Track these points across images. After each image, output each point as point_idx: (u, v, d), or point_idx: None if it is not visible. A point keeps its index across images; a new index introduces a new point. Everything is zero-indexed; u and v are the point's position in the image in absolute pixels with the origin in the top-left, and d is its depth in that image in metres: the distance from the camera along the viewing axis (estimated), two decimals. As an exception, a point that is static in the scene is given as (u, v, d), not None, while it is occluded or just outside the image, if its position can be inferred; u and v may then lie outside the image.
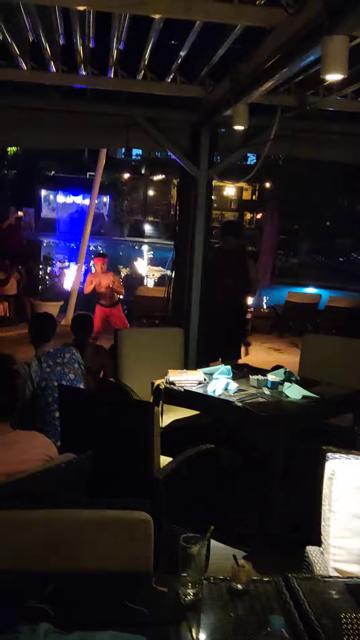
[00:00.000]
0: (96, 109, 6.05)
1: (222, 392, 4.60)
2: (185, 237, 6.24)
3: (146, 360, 5.52)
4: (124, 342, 5.52)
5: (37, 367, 4.86)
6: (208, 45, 5.09)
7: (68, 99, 5.99)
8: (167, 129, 5.98)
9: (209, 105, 5.57)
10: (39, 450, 2.79)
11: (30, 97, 5.95)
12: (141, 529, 2.41)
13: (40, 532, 2.38)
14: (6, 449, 2.68)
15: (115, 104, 5.96)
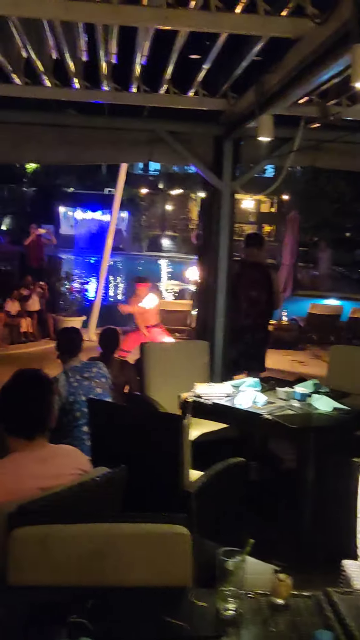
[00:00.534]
0: (119, 124, 6.08)
1: (250, 405, 4.57)
2: (209, 250, 6.24)
3: (172, 374, 5.51)
4: (150, 355, 5.51)
5: (65, 382, 4.86)
6: (229, 58, 5.10)
7: (88, 115, 6.02)
8: (190, 143, 5.99)
9: (231, 118, 5.58)
10: (74, 465, 2.78)
11: (51, 114, 5.99)
12: (179, 543, 2.38)
13: (78, 546, 2.36)
14: (41, 464, 2.67)
15: (138, 119, 5.99)
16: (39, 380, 2.74)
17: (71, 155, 6.21)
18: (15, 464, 2.63)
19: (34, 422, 2.68)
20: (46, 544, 2.36)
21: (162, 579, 2.36)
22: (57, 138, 5.99)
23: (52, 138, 6.00)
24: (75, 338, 5.30)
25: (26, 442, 2.66)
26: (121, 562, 2.37)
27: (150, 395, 5.39)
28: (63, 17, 3.87)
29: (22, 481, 2.59)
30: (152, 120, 5.96)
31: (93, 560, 2.36)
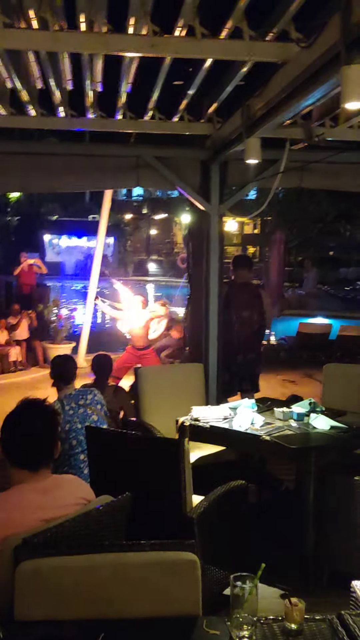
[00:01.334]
0: (105, 151, 6.11)
1: (248, 427, 4.55)
2: (199, 273, 6.25)
3: (167, 397, 5.48)
4: (145, 379, 5.48)
5: (61, 410, 4.82)
6: (214, 82, 5.16)
7: (73, 142, 6.05)
8: (177, 167, 6.02)
9: (217, 142, 5.63)
10: (77, 495, 2.74)
11: (35, 143, 6.02)
12: (189, 570, 2.35)
13: (85, 578, 2.32)
14: (45, 495, 2.63)
15: (124, 145, 6.02)
16: (45, 411, 2.72)
17: (57, 184, 6.22)
18: (19, 496, 2.59)
19: (40, 454, 2.65)
20: (53, 578, 2.32)
21: (172, 608, 2.32)
22: (42, 167, 5.99)
23: (37, 167, 6.00)
24: (69, 365, 5.28)
25: (30, 473, 2.63)
26: (130, 593, 2.33)
27: (147, 420, 5.36)
28: (51, 48, 3.90)
29: (26, 514, 2.55)
30: (138, 146, 6.01)
31: (101, 591, 2.32)
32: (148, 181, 6.14)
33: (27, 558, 2.34)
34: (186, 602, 2.33)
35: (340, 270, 30.56)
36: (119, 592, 2.32)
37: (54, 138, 6.14)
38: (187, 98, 5.11)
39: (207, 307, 6.00)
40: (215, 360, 6.02)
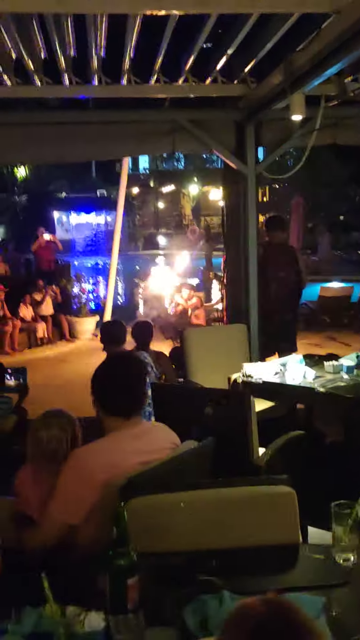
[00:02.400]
0: (139, 117, 6.15)
1: (302, 380, 4.66)
2: (235, 236, 6.32)
3: (212, 357, 5.59)
4: (190, 341, 5.59)
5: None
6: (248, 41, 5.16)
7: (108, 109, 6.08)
8: (211, 130, 6.06)
9: (252, 102, 5.65)
10: (167, 439, 2.87)
11: (72, 112, 6.06)
12: (287, 501, 2.47)
13: (191, 513, 2.45)
14: (139, 440, 2.75)
15: (159, 110, 6.05)
16: (135, 361, 2.83)
17: (94, 152, 6.27)
18: (117, 442, 2.71)
19: (132, 401, 2.76)
20: (161, 513, 2.45)
21: (273, 538, 2.44)
22: (78, 136, 6.04)
23: (73, 136, 6.06)
24: (118, 328, 5.40)
25: (123, 420, 2.74)
26: (232, 525, 2.45)
27: (194, 379, 5.47)
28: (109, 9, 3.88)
29: (124, 457, 2.67)
30: (172, 111, 6.03)
31: (206, 525, 2.44)
32: (184, 145, 6.18)
33: (134, 496, 2.47)
34: (286, 531, 2.45)
35: (352, 234, 30.43)
36: (222, 524, 2.45)
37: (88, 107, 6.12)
38: (223, 58, 5.12)
39: (247, 269, 6.07)
40: (256, 321, 6.11)
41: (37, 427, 2.98)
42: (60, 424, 2.95)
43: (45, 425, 2.95)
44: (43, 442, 2.91)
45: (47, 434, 2.92)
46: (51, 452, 2.88)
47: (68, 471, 2.64)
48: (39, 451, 2.92)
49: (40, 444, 2.92)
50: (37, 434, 2.94)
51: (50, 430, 2.92)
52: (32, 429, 3.00)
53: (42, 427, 2.95)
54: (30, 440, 2.97)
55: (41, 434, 2.93)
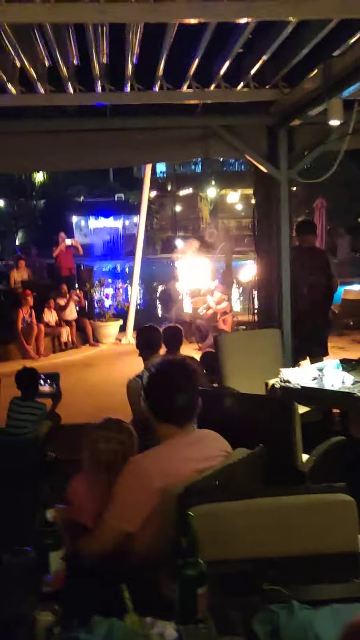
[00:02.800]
0: (171, 123, 6.17)
1: (341, 385, 4.64)
2: (267, 241, 6.31)
3: (246, 362, 5.58)
4: (226, 346, 5.59)
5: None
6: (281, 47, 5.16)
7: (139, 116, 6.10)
8: (243, 135, 6.06)
9: (286, 107, 5.65)
10: (220, 447, 2.87)
11: (104, 119, 6.09)
12: (346, 510, 2.47)
13: (250, 521, 2.45)
14: (193, 447, 2.76)
15: (191, 116, 6.07)
16: (190, 369, 2.83)
17: (127, 158, 6.30)
18: (172, 450, 2.72)
19: (187, 409, 2.76)
20: (221, 521, 2.45)
21: (333, 545, 2.44)
22: (111, 143, 6.08)
23: (106, 143, 6.10)
24: (155, 334, 5.41)
25: (178, 428, 2.75)
26: (291, 533, 2.46)
27: (229, 384, 5.47)
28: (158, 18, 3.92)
29: (179, 465, 2.67)
30: (205, 117, 6.04)
31: (265, 532, 2.44)
32: (216, 151, 6.19)
33: (193, 504, 2.47)
34: (345, 539, 2.45)
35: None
36: (282, 532, 2.45)
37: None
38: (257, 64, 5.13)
39: (280, 273, 6.06)
40: (289, 325, 6.10)
41: (96, 438, 2.98)
42: (119, 438, 2.97)
43: (105, 438, 2.96)
44: (101, 454, 2.93)
45: (106, 446, 2.94)
46: (107, 463, 2.89)
47: (126, 478, 2.65)
48: (95, 462, 2.94)
49: (98, 456, 2.94)
50: (96, 446, 2.96)
51: (109, 444, 2.94)
52: (91, 440, 3.00)
53: (101, 440, 2.97)
54: (88, 451, 2.99)
55: (100, 446, 2.95)
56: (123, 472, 2.68)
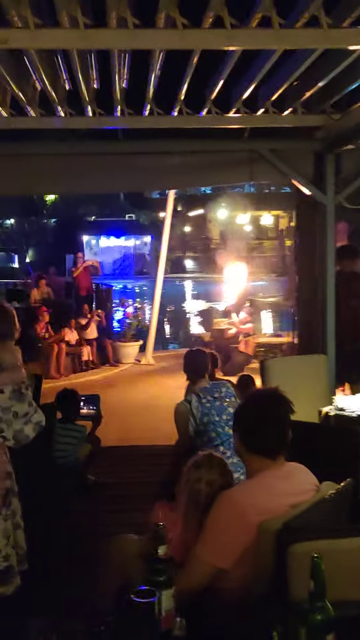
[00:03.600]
0: (219, 146, 6.17)
1: None
2: (309, 265, 6.28)
3: (293, 389, 5.48)
4: (271, 371, 5.54)
5: (198, 403, 4.88)
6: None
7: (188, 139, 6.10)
8: (290, 159, 6.05)
9: (336, 132, 5.65)
10: (310, 481, 2.81)
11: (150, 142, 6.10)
12: None
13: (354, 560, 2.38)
14: (285, 481, 2.70)
15: (237, 140, 6.06)
16: (284, 400, 2.78)
17: (174, 182, 6.30)
18: (265, 484, 2.66)
19: (282, 442, 2.71)
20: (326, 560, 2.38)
21: None
22: (158, 166, 6.09)
23: (155, 167, 6.12)
24: (202, 359, 5.33)
25: (270, 461, 2.69)
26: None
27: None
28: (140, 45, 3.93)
29: (273, 500, 2.61)
30: (253, 141, 6.03)
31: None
32: (262, 175, 6.16)
33: (293, 541, 2.41)
34: None
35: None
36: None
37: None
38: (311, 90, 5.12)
39: (325, 299, 6.02)
40: (333, 351, 6.05)
41: (198, 478, 2.86)
42: (222, 482, 2.84)
43: (208, 482, 2.83)
44: (201, 496, 2.81)
45: (207, 490, 2.81)
46: (205, 506, 2.74)
47: (220, 513, 2.58)
48: (194, 503, 2.81)
49: (196, 496, 2.82)
50: (196, 486, 2.84)
51: (211, 487, 2.80)
52: (192, 479, 2.87)
53: (203, 481, 2.84)
54: (186, 488, 2.87)
55: (201, 487, 2.83)
56: (216, 506, 2.62)
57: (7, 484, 3.05)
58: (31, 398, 2.98)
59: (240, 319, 11.98)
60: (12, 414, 2.88)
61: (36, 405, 2.99)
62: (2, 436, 2.88)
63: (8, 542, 2.99)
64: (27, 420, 2.92)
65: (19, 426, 2.90)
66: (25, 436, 2.92)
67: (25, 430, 2.92)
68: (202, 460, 2.91)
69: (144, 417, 9.18)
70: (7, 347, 3.06)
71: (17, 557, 3.05)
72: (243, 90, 5.26)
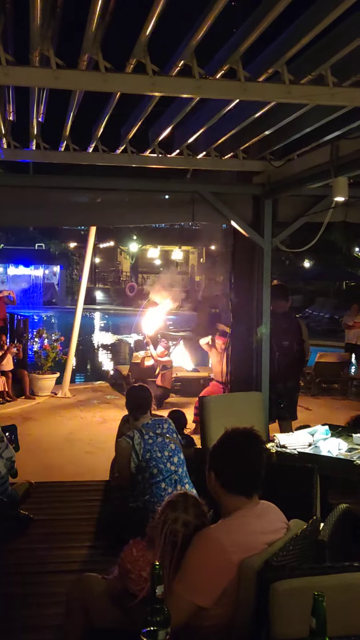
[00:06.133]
0: (163, 186, 6.29)
1: (337, 452, 4.75)
2: (245, 303, 6.45)
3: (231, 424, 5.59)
4: (209, 408, 5.60)
5: (140, 440, 4.90)
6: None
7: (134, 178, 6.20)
8: (230, 202, 6.24)
9: (276, 178, 5.88)
10: (281, 519, 2.88)
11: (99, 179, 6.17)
12: None
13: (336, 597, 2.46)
14: (262, 520, 2.76)
15: (181, 181, 6.21)
16: (258, 440, 2.85)
17: (117, 218, 6.35)
18: (243, 522, 2.71)
19: (258, 481, 2.77)
20: (304, 597, 2.45)
21: None
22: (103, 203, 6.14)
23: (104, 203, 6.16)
24: (145, 395, 5.36)
25: (247, 500, 2.75)
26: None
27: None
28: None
29: (251, 538, 2.67)
30: (194, 183, 6.19)
31: (349, 608, 2.46)
32: (203, 216, 6.31)
33: (275, 579, 2.48)
34: None
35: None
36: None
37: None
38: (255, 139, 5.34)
39: (260, 337, 6.19)
40: (267, 388, 6.22)
41: (175, 518, 2.83)
42: (198, 523, 2.82)
43: (185, 523, 2.82)
44: (177, 536, 2.78)
45: (184, 530, 2.79)
46: (180, 544, 2.75)
47: (200, 551, 2.61)
48: (168, 541, 2.78)
49: (173, 536, 2.79)
50: (173, 526, 2.81)
51: (187, 528, 2.79)
52: (168, 519, 2.83)
53: (179, 522, 2.82)
54: (162, 528, 2.83)
55: (177, 527, 2.80)
56: (196, 544, 2.65)
57: None
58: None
59: (157, 352, 12.01)
60: None
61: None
62: None
63: None
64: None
65: None
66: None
67: None
68: (178, 500, 2.90)
69: (65, 451, 9.03)
70: None
71: None
72: (188, 134, 5.43)
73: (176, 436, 5.20)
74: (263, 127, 5.17)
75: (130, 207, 6.21)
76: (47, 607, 4.13)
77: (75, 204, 6.18)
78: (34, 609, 4.14)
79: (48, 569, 4.80)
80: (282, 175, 5.78)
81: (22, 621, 4.00)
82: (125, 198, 6.16)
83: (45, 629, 3.86)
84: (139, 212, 6.30)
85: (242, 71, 3.66)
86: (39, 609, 4.15)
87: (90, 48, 3.54)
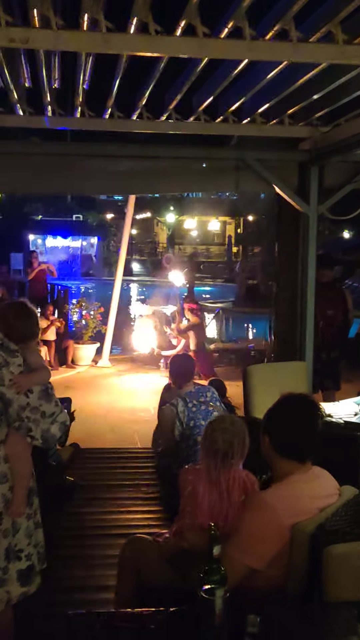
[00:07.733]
0: (206, 154, 6.23)
1: (383, 420, 4.73)
2: (290, 274, 6.40)
3: (275, 395, 5.60)
4: (254, 377, 5.61)
5: (184, 407, 4.93)
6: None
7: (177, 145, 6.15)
8: (275, 169, 6.16)
9: (322, 144, 5.78)
10: (333, 485, 2.88)
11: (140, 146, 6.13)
12: None
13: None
14: (313, 484, 2.77)
15: (225, 148, 6.14)
16: (313, 404, 2.85)
17: (163, 186, 6.33)
18: (295, 487, 2.72)
19: (312, 446, 2.78)
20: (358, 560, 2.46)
21: None
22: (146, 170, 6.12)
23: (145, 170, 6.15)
24: (189, 364, 5.38)
25: (299, 465, 2.76)
26: None
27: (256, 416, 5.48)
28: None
29: (303, 503, 2.68)
30: (239, 149, 6.12)
31: None
32: (247, 184, 6.21)
33: (328, 543, 2.48)
34: None
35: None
36: None
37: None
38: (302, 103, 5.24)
39: (305, 307, 6.14)
40: (311, 358, 6.19)
41: (214, 427, 3.31)
42: (234, 431, 3.28)
43: (222, 430, 3.27)
44: (217, 443, 3.21)
45: (223, 437, 3.23)
46: (223, 454, 3.19)
47: (253, 514, 2.64)
48: (213, 451, 3.22)
49: (213, 444, 3.22)
50: (213, 435, 3.26)
51: (225, 434, 3.24)
52: (208, 430, 3.34)
53: (218, 429, 3.28)
54: (205, 440, 3.31)
55: (217, 435, 3.25)
56: (249, 507, 2.68)
57: (30, 483, 3.04)
58: (56, 398, 2.99)
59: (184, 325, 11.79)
60: (40, 413, 2.88)
61: (61, 405, 2.99)
62: (31, 435, 2.87)
63: (30, 541, 2.98)
64: (54, 420, 2.93)
65: (46, 426, 2.90)
66: (52, 436, 2.93)
67: (52, 430, 2.92)
68: (219, 416, 3.63)
69: (108, 419, 9.15)
70: (31, 348, 3.05)
71: (37, 555, 3.03)
72: (230, 100, 5.35)
73: (219, 404, 5.23)
74: (310, 91, 5.07)
75: (172, 175, 6.17)
76: (96, 568, 4.22)
77: (115, 172, 6.15)
78: (84, 570, 4.23)
79: (97, 532, 4.88)
80: (329, 141, 5.67)
81: (73, 581, 4.09)
82: (167, 166, 6.10)
83: (96, 589, 3.94)
84: (180, 180, 6.25)
85: (294, 31, 3.58)
86: (88, 570, 4.24)
87: (140, 11, 3.50)
